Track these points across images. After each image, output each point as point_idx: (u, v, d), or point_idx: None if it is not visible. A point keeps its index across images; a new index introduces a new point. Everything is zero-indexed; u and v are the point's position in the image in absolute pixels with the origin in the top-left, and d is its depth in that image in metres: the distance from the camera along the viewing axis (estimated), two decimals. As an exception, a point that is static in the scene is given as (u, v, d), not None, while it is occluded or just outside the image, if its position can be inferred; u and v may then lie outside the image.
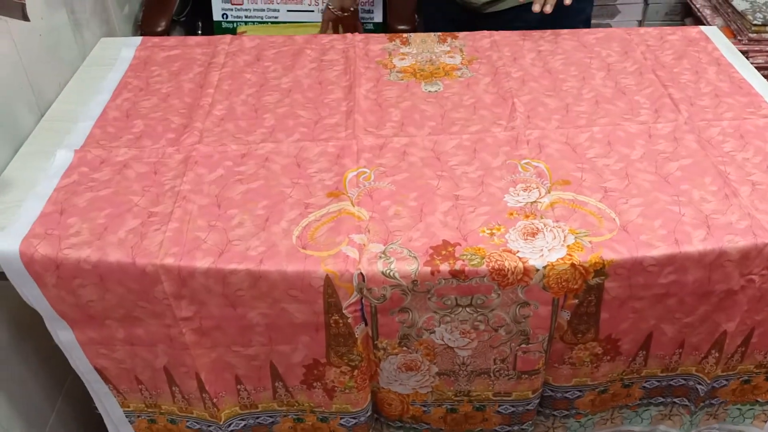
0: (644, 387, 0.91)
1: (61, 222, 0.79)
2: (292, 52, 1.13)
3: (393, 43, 1.15)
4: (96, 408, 0.92)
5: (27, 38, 0.98)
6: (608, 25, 2.10)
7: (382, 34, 1.18)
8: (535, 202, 0.81)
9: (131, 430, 0.94)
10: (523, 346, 0.82)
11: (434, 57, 1.11)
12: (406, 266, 0.74)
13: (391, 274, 0.74)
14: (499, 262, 0.74)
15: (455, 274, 0.74)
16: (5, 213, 0.81)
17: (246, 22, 1.68)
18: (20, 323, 0.95)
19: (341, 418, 0.89)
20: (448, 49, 1.13)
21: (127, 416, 0.92)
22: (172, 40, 1.16)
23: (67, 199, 0.82)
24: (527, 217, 0.79)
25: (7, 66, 0.94)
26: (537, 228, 0.78)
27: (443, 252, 0.75)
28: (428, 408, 0.90)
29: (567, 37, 1.15)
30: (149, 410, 0.91)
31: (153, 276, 0.75)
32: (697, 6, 1.92)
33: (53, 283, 0.77)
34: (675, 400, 0.94)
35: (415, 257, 0.75)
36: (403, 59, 1.11)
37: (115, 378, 0.87)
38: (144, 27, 1.44)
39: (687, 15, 2.08)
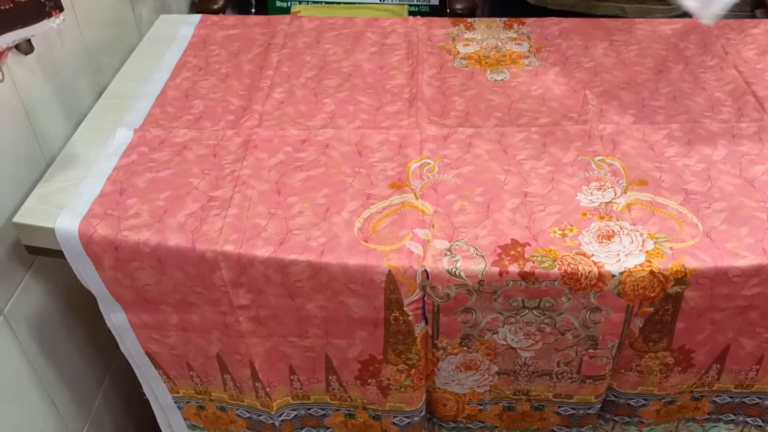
0: (714, 401, 0.87)
1: (121, 203, 0.78)
2: (353, 34, 1.09)
3: (457, 27, 1.11)
4: (143, 393, 0.92)
5: (88, 13, 0.97)
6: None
7: (445, 18, 1.14)
8: (610, 202, 0.77)
9: (179, 415, 0.93)
10: (590, 351, 0.78)
11: (500, 44, 1.07)
12: (473, 265, 0.71)
13: (457, 273, 0.71)
14: (572, 266, 0.70)
15: (524, 276, 0.70)
16: (66, 191, 0.80)
17: (300, 2, 1.65)
18: (71, 302, 0.94)
19: (394, 417, 0.86)
20: (515, 35, 1.09)
21: (175, 402, 0.91)
22: (231, 18, 1.14)
23: (126, 179, 0.81)
24: (602, 218, 0.75)
25: (70, 41, 0.93)
26: (613, 230, 0.73)
27: (512, 252, 0.72)
28: (485, 406, 0.87)
29: (641, 26, 1.09)
30: (199, 397, 0.90)
31: (212, 262, 0.73)
32: (771, -4, 1.82)
33: (111, 264, 0.76)
34: (747, 419, 0.89)
35: (482, 256, 0.72)
36: (467, 45, 1.06)
37: (166, 363, 0.86)
38: (200, 4, 1.42)
39: (757, 6, 1.98)
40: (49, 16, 0.67)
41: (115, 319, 0.82)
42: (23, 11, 0.65)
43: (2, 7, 0.63)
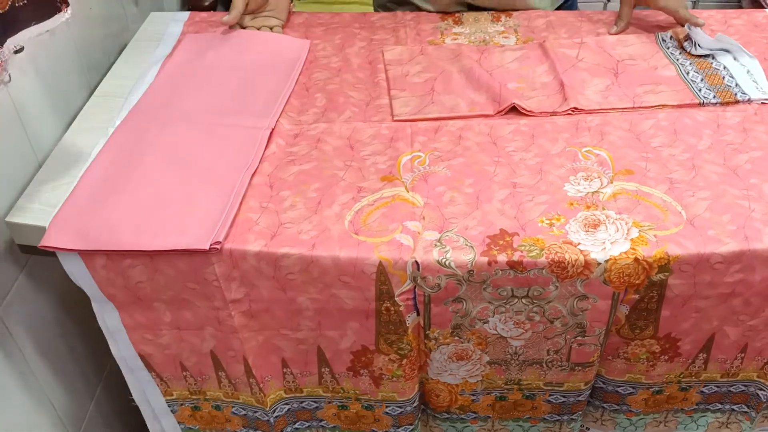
0: (702, 392, 0.88)
1: (113, 200, 0.79)
2: (341, 30, 1.10)
3: (445, 22, 1.11)
4: (133, 401, 0.91)
5: (79, 11, 0.97)
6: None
7: (434, 13, 1.14)
8: (596, 192, 0.78)
9: (173, 419, 0.93)
10: (579, 338, 0.79)
11: (487, 37, 1.07)
12: (463, 256, 0.72)
13: (447, 263, 0.72)
14: (559, 255, 0.71)
15: (513, 266, 0.72)
16: (58, 190, 0.81)
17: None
18: (66, 303, 0.95)
19: (387, 407, 0.87)
20: (502, 29, 1.09)
21: (169, 405, 0.91)
22: (219, 15, 1.14)
23: (118, 177, 0.82)
24: (588, 207, 0.76)
25: (60, 40, 0.93)
26: (599, 219, 0.75)
27: (500, 242, 0.73)
28: (477, 396, 0.88)
29: (627, 18, 1.10)
30: (193, 397, 0.90)
31: (204, 257, 0.74)
32: (758, -13, 1.83)
33: (102, 263, 0.76)
34: (734, 407, 0.91)
35: (471, 246, 0.73)
36: (455, 39, 1.07)
37: (159, 365, 0.86)
38: (191, 0, 1.42)
39: (745, -4, 2.00)
40: (60, 10, 0.67)
41: (109, 320, 0.82)
42: (36, 7, 0.66)
43: (18, 4, 0.64)
